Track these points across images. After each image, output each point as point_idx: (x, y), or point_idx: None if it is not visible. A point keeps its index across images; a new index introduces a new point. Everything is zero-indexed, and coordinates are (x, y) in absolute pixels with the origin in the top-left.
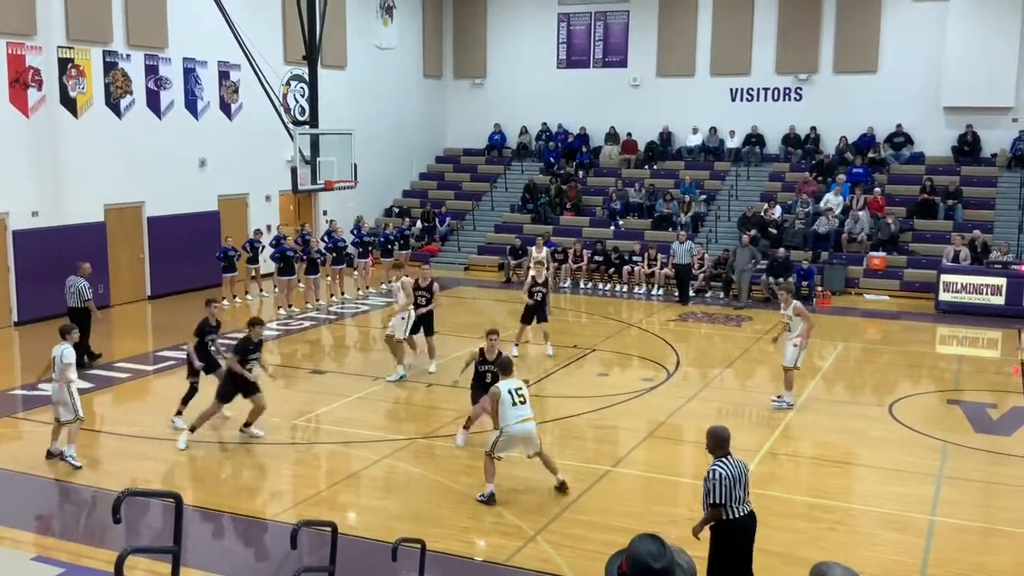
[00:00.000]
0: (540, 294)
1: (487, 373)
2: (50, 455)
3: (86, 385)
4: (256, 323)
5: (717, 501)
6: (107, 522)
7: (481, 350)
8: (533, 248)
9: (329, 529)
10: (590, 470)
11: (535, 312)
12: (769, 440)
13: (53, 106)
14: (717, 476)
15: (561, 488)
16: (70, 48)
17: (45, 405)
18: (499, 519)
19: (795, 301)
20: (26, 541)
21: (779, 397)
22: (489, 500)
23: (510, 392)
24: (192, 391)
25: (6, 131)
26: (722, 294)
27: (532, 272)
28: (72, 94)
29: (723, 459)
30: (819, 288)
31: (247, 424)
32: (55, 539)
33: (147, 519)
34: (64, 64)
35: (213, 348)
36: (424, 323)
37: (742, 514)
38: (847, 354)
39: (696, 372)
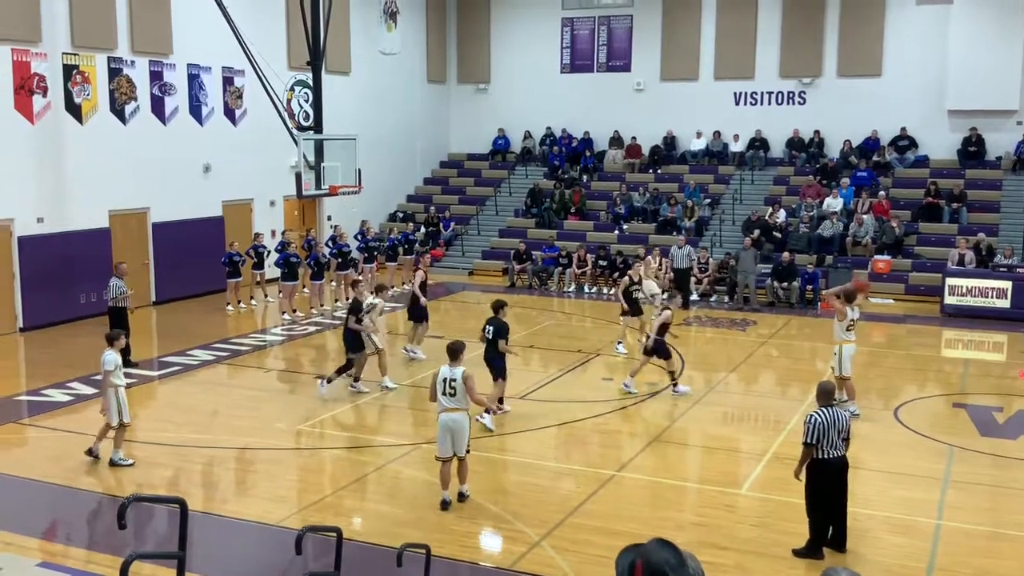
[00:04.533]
0: (638, 291)
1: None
2: (89, 453)
3: (89, 391)
4: (501, 306)
5: (808, 440)
6: (113, 528)
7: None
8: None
9: (334, 534)
10: (595, 474)
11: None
12: (775, 443)
13: (58, 112)
14: (813, 421)
15: (460, 498)
16: (75, 55)
17: (50, 411)
18: (504, 524)
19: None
20: (32, 547)
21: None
22: (441, 507)
23: (444, 380)
24: (348, 365)
25: (11, 137)
26: (726, 298)
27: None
28: (77, 100)
29: (823, 408)
30: (821, 292)
31: (356, 379)
32: (61, 545)
33: (153, 524)
34: (69, 71)
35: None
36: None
37: (834, 456)
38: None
39: (700, 376)
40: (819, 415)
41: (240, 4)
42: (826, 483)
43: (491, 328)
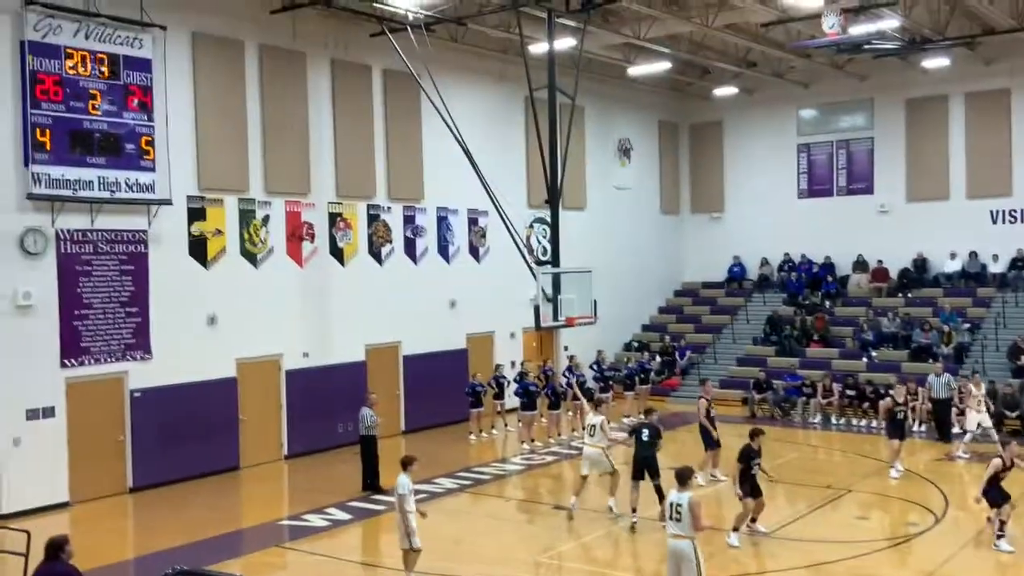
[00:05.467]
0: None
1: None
2: None
3: (345, 517)
4: (757, 433)
5: None
6: None
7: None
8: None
9: None
10: None
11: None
12: None
13: (323, 256)
14: None
15: None
16: (339, 203)
17: (311, 535)
18: None
19: None
20: None
21: None
22: None
23: (671, 505)
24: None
25: (283, 280)
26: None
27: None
28: (340, 244)
29: None
30: None
31: (753, 520)
32: None
33: None
34: (333, 218)
35: (753, 472)
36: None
37: None
38: None
39: (967, 517)
40: None
41: (484, 149)
42: None
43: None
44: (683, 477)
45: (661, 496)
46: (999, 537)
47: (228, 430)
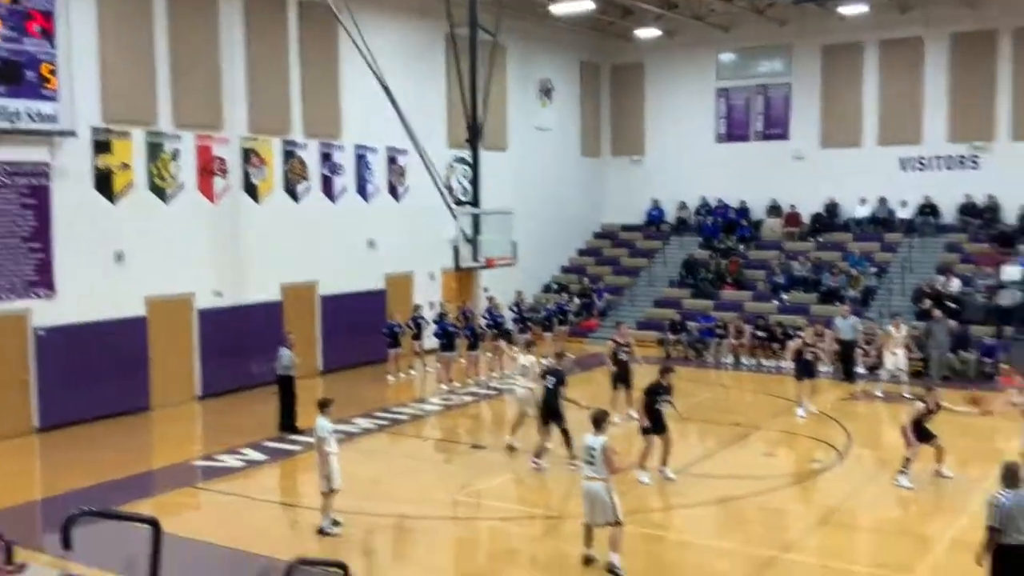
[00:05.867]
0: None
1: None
2: (321, 531)
3: (260, 457)
4: (667, 371)
5: (993, 524)
6: None
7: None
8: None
9: None
10: (755, 556)
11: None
12: (953, 527)
13: (237, 192)
14: (998, 503)
15: (589, 561)
16: (253, 139)
17: (225, 475)
18: None
19: None
20: None
21: None
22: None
23: (585, 448)
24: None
25: (194, 216)
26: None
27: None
28: (254, 181)
29: (1010, 490)
30: (1003, 366)
31: (664, 463)
32: None
33: None
34: (247, 153)
35: (658, 407)
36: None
37: (1021, 542)
38: None
39: (871, 454)
40: (1004, 497)
41: (403, 88)
42: (1011, 573)
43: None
44: (598, 421)
45: (568, 439)
46: (901, 473)
47: (138, 370)
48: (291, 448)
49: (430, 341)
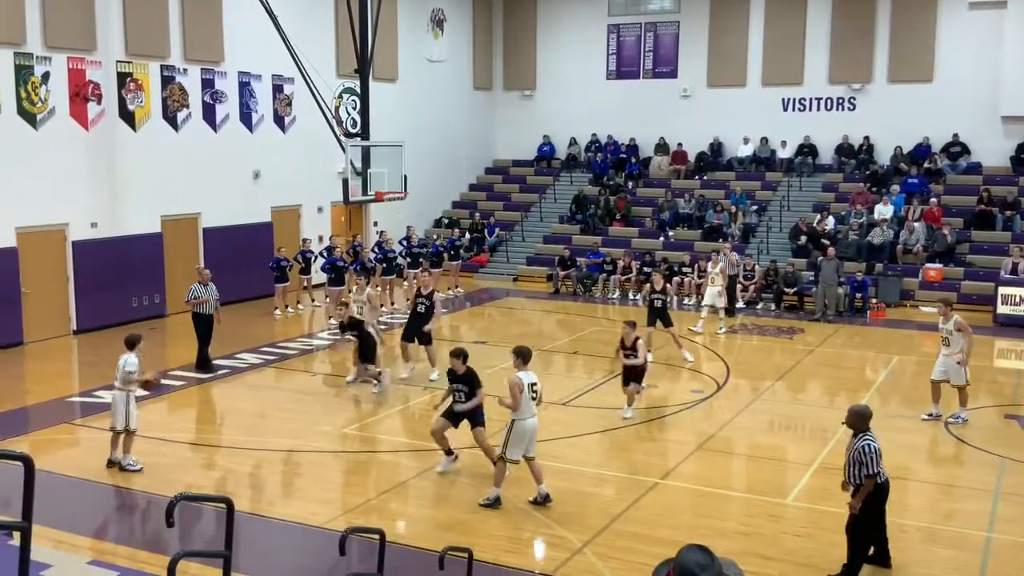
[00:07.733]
0: (660, 301)
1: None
2: (111, 464)
3: (140, 392)
4: (459, 354)
5: (875, 471)
6: (161, 527)
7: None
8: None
9: (377, 537)
10: (638, 482)
11: (659, 316)
12: (822, 453)
13: (112, 119)
14: (874, 449)
15: (543, 501)
16: (129, 63)
17: (102, 412)
18: (546, 530)
19: (955, 315)
20: (83, 546)
21: (955, 416)
22: (494, 504)
23: (530, 386)
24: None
25: (67, 144)
26: (773, 306)
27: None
28: (131, 108)
29: (869, 433)
30: (873, 300)
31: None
32: (111, 544)
33: (200, 524)
34: (123, 78)
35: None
36: (418, 332)
37: (885, 478)
38: (902, 368)
39: (747, 384)
40: (875, 441)
41: (290, 13)
42: (878, 506)
43: None
44: (527, 355)
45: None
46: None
47: (9, 304)
48: (171, 383)
49: (318, 276)
